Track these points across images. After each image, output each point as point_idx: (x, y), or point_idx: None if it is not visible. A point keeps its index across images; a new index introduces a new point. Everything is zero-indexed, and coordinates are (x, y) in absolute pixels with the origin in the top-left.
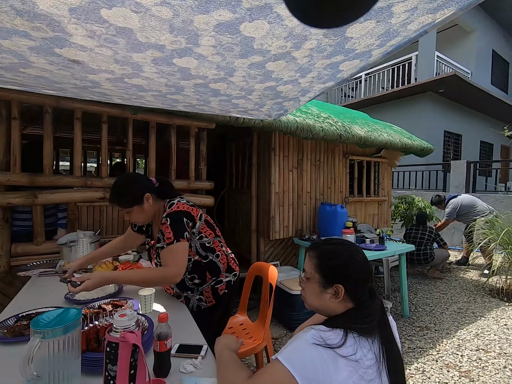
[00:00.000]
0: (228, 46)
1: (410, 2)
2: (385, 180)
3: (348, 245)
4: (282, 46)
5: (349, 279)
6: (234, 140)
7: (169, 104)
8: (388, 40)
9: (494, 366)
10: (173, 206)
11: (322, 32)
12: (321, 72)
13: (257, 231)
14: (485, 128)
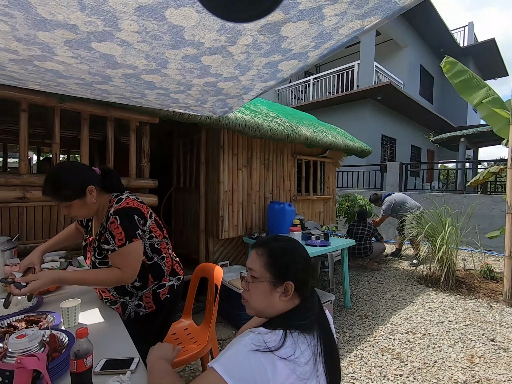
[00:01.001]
0: (155, 34)
1: (339, 6)
2: (330, 179)
3: (294, 242)
4: (215, 40)
5: (298, 276)
6: (181, 137)
7: (100, 95)
8: (323, 42)
9: (420, 346)
10: (121, 201)
11: (257, 28)
12: (260, 70)
13: (206, 231)
14: (415, 134)
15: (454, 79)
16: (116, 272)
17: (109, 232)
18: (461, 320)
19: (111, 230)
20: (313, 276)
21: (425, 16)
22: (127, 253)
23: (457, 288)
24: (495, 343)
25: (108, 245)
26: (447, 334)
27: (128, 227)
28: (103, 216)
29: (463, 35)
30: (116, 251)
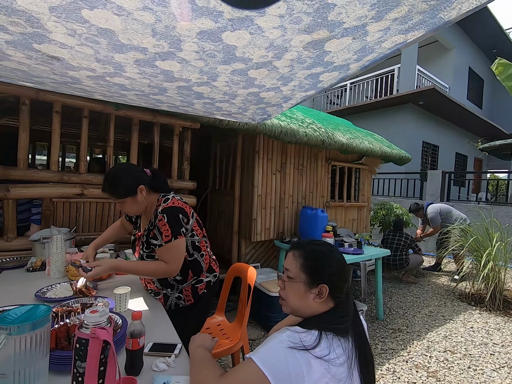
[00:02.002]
0: (211, 52)
1: (383, 23)
2: (365, 186)
3: (331, 246)
4: (263, 56)
5: (333, 279)
6: (219, 142)
7: (153, 104)
8: (365, 55)
9: (459, 367)
10: (168, 201)
11: (302, 45)
12: (302, 81)
13: (238, 232)
14: (460, 141)
15: (507, 81)
16: (163, 265)
17: (157, 229)
18: (509, 343)
19: (159, 227)
20: (347, 281)
21: (475, 15)
22: (173, 248)
23: (505, 309)
24: None
25: (156, 240)
26: (492, 357)
27: (174, 225)
28: (152, 213)
29: None
30: (163, 246)
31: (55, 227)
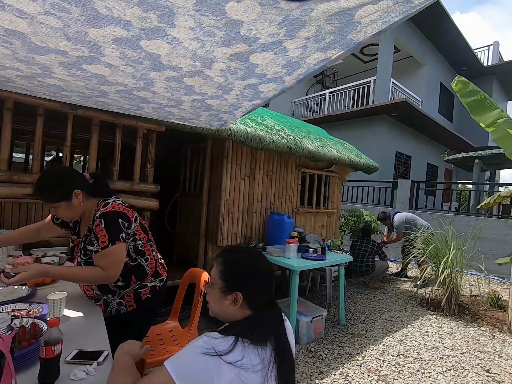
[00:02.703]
0: (135, 59)
1: (298, 41)
2: (335, 193)
3: (255, 254)
4: (191, 65)
5: (248, 288)
6: (190, 145)
7: (102, 106)
8: (294, 69)
9: (409, 370)
10: (107, 205)
11: (226, 56)
12: (242, 91)
13: (205, 237)
14: (432, 152)
15: (465, 98)
16: (99, 271)
17: (93, 234)
18: (458, 347)
19: (95, 232)
20: (269, 291)
21: (446, 34)
22: (110, 254)
23: (460, 314)
24: (490, 374)
25: (92, 247)
26: (440, 360)
27: (112, 230)
28: (91, 219)
29: (487, 54)
30: (99, 252)
31: (3, 229)
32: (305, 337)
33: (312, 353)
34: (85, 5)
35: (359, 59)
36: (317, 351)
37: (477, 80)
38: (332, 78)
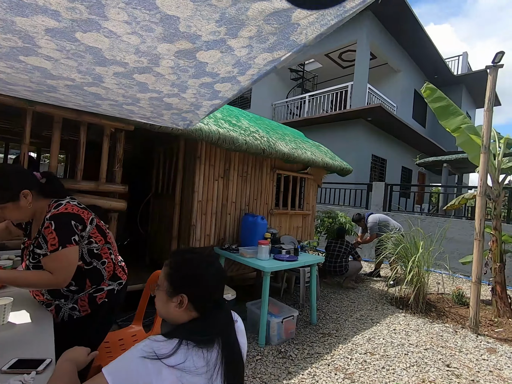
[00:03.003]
0: (75, 52)
1: (241, 40)
2: (310, 195)
3: (204, 256)
4: (137, 61)
5: (194, 290)
6: (163, 145)
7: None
8: (245, 70)
9: (374, 367)
10: (60, 207)
11: (172, 53)
12: (199, 90)
13: (178, 238)
14: (406, 155)
15: (433, 104)
16: (47, 276)
17: (42, 237)
18: (422, 343)
19: (44, 235)
20: (216, 293)
21: (419, 44)
22: (59, 258)
23: (427, 311)
24: (449, 368)
25: (40, 250)
26: (405, 356)
27: (62, 233)
28: (41, 221)
29: (457, 63)
30: (48, 256)
31: None
32: (276, 338)
33: (282, 353)
34: None
35: (337, 64)
36: (287, 351)
37: (448, 88)
38: (312, 82)
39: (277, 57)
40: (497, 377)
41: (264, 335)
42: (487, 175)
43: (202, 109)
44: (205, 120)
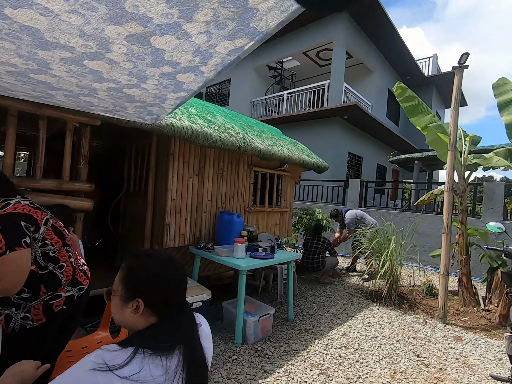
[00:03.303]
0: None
1: (198, 25)
2: (287, 192)
3: (162, 258)
4: (86, 45)
5: (151, 294)
6: (135, 141)
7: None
8: (207, 59)
9: (349, 361)
10: (8, 207)
11: (122, 37)
12: (161, 81)
13: (151, 238)
14: (381, 153)
15: (404, 103)
16: None
17: None
18: (394, 335)
19: None
20: (177, 297)
21: (393, 45)
22: (7, 262)
23: (399, 303)
24: (419, 358)
25: None
26: (378, 349)
27: (10, 234)
28: None
29: (427, 65)
30: None
31: None
32: (253, 336)
33: (259, 352)
34: None
35: (315, 62)
36: (263, 350)
37: (419, 89)
38: (290, 79)
39: (239, 45)
40: (463, 364)
41: (240, 335)
42: (454, 171)
43: (168, 102)
44: (177, 115)
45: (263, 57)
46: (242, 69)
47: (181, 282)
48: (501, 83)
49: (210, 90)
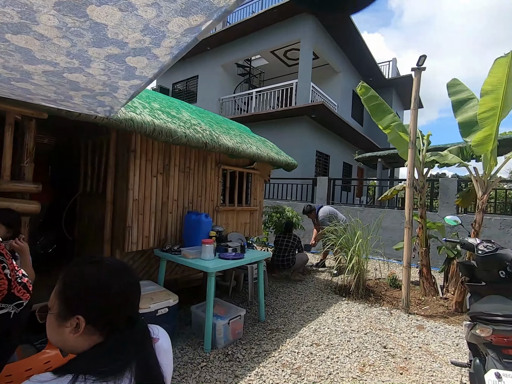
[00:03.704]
0: None
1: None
2: (257, 190)
3: (105, 265)
4: (3, 13)
5: (93, 309)
6: (91, 137)
7: None
8: (159, 39)
9: (319, 358)
10: None
11: (51, 4)
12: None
13: (111, 242)
14: (347, 152)
15: (367, 102)
16: None
17: None
18: (363, 328)
19: None
20: (126, 309)
21: (357, 48)
22: None
23: (366, 296)
24: (386, 349)
25: None
26: (347, 343)
27: None
28: None
29: (388, 68)
30: None
31: None
32: (223, 340)
33: (229, 356)
34: None
35: (283, 62)
36: (234, 353)
37: (381, 90)
38: (259, 78)
39: (194, 24)
40: (425, 352)
41: (209, 339)
42: (414, 168)
43: (121, 91)
44: (138, 109)
45: (231, 54)
46: (210, 66)
47: (131, 293)
48: (454, 83)
49: (177, 86)
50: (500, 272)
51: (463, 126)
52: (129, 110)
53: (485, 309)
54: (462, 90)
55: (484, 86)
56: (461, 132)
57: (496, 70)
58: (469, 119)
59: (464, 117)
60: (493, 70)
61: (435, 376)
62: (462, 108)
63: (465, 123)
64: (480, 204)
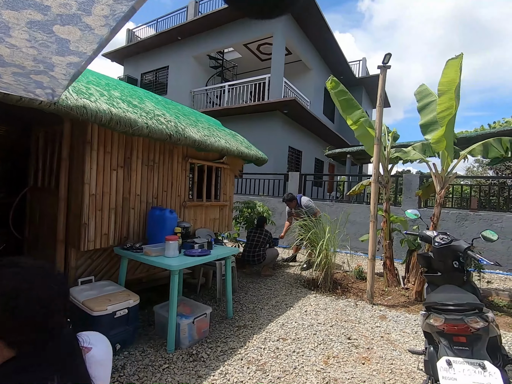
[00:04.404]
0: None
1: None
2: (227, 185)
3: (19, 269)
4: None
5: (2, 320)
6: (43, 127)
7: None
8: (89, 4)
9: (285, 353)
10: None
11: None
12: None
13: (66, 241)
14: (318, 148)
15: (336, 96)
16: None
17: None
18: (329, 321)
19: None
20: (45, 321)
21: (328, 46)
22: None
23: (334, 289)
24: (350, 341)
25: None
26: (313, 336)
27: None
28: None
29: (358, 67)
30: None
31: None
32: (187, 340)
33: (193, 356)
34: None
35: (256, 56)
36: (199, 353)
37: (351, 88)
38: (232, 71)
39: None
40: (386, 341)
41: (173, 340)
42: (379, 164)
43: (58, 70)
44: (93, 96)
45: (203, 45)
46: (181, 56)
47: (51, 300)
48: (421, 90)
49: (146, 77)
50: (454, 262)
51: (424, 126)
52: (82, 96)
53: (438, 299)
54: (427, 95)
55: (440, 87)
56: (422, 131)
57: (448, 71)
58: (430, 119)
59: (427, 119)
60: (445, 71)
61: (394, 364)
62: (426, 110)
63: (426, 123)
64: (438, 199)
